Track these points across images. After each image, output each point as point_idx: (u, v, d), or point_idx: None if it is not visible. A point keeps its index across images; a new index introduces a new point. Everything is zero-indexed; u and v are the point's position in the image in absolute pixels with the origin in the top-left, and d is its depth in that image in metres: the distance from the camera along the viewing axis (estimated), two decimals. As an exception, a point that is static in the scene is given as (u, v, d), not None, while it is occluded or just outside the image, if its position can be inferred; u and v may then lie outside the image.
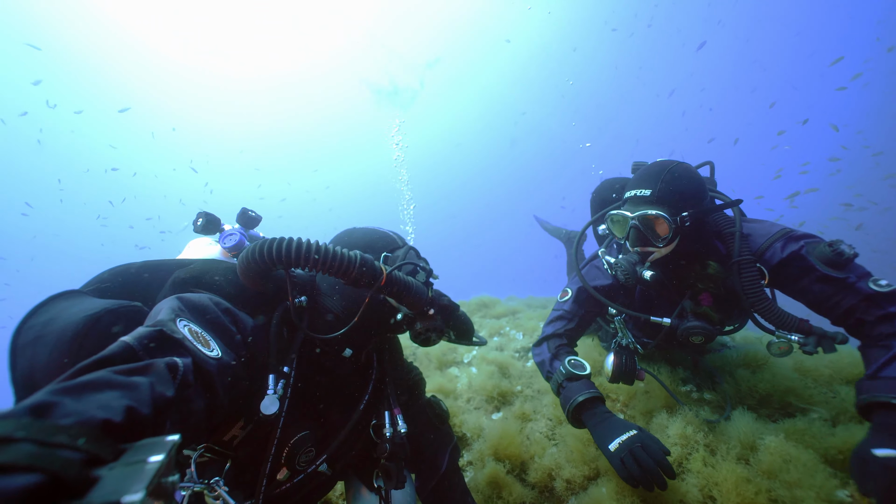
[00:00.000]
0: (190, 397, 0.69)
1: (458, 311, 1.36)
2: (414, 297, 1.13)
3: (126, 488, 0.35)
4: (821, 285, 1.50)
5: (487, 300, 5.07)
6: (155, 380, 0.59)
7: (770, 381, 1.95)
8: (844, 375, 1.98)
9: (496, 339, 3.80)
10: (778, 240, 1.62)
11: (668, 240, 1.62)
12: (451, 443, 1.60)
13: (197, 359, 0.74)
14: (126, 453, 0.41)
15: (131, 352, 0.65)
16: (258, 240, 1.05)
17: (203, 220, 1.86)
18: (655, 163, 1.72)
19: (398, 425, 1.29)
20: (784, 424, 1.71)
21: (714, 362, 2.30)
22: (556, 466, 1.85)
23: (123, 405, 0.49)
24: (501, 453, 1.93)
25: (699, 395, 2.16)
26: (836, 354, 2.07)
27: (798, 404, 1.86)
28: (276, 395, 1.02)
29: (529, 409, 2.34)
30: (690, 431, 1.73)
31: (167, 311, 0.82)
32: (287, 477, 1.13)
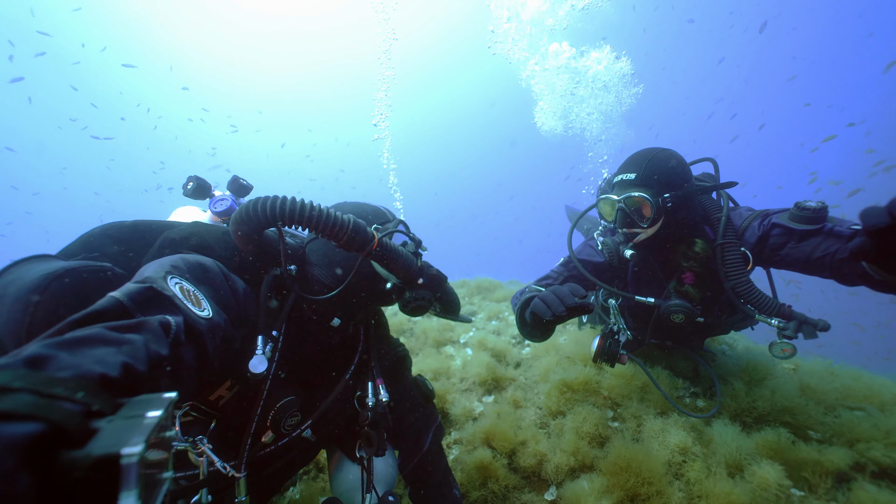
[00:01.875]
0: (182, 356, 0.68)
1: (446, 284, 1.36)
2: (404, 266, 1.14)
3: (126, 440, 0.36)
4: (804, 242, 1.52)
5: (488, 283, 5.04)
6: (149, 337, 0.59)
7: (769, 399, 1.92)
8: (851, 401, 1.94)
9: (494, 322, 3.79)
10: (755, 219, 1.70)
11: (652, 220, 1.70)
12: (434, 423, 1.62)
13: (188, 318, 0.74)
14: (124, 407, 0.42)
15: (122, 308, 0.64)
16: (253, 199, 1.04)
17: (193, 184, 1.83)
18: (641, 150, 1.81)
19: (381, 394, 1.32)
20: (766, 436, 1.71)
21: (715, 370, 2.28)
22: (547, 452, 1.86)
23: (120, 361, 0.49)
24: (493, 440, 1.94)
25: (692, 401, 2.15)
26: (849, 378, 2.04)
27: (795, 424, 1.84)
28: (264, 355, 1.04)
29: (521, 396, 2.34)
30: (690, 442, 1.73)
31: (157, 268, 0.81)
32: (272, 439, 1.15)
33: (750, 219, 1.71)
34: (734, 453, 1.67)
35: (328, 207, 1.05)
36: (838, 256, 1.41)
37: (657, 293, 1.93)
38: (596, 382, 2.23)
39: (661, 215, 1.70)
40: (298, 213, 1.01)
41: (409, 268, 1.16)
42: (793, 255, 1.55)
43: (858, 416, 1.83)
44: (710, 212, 1.82)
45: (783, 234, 1.58)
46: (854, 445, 1.67)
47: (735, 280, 1.66)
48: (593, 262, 2.06)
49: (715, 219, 1.78)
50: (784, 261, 1.61)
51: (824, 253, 1.45)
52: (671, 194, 1.66)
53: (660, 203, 1.66)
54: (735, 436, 1.75)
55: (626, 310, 2.20)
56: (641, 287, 2.05)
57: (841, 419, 1.79)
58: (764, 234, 1.64)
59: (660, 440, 1.81)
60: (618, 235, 1.84)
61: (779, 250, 1.61)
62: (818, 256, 1.47)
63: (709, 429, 1.87)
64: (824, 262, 1.46)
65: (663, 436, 1.82)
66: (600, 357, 1.90)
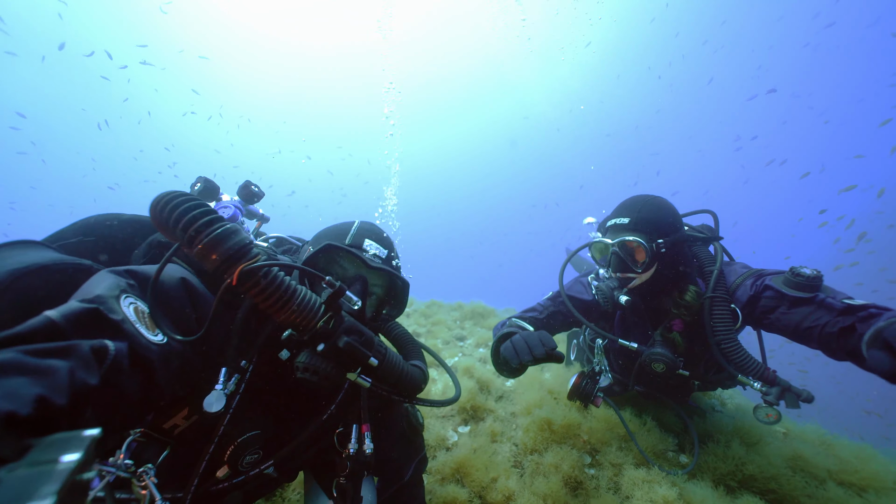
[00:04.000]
0: (121, 384, 0.62)
1: (371, 362, 0.96)
2: (288, 314, 0.84)
3: (31, 492, 0.30)
4: (794, 309, 1.49)
5: (482, 309, 4.98)
6: (75, 364, 0.52)
7: (757, 463, 1.83)
8: (845, 477, 1.84)
9: (481, 350, 3.72)
10: (748, 277, 1.69)
11: (646, 265, 1.70)
12: (419, 455, 1.53)
13: (135, 343, 0.67)
14: (33, 451, 0.36)
15: (54, 329, 0.56)
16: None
17: (201, 185, 1.78)
18: (634, 196, 1.83)
19: (364, 443, 1.15)
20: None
21: (704, 426, 2.19)
22: (516, 491, 1.77)
23: (33, 394, 0.43)
24: (464, 475, 1.85)
25: (675, 456, 2.05)
26: (846, 453, 1.95)
27: (780, 493, 1.74)
28: (223, 391, 0.91)
29: (499, 429, 2.25)
30: (674, 497, 1.65)
31: (111, 286, 0.73)
32: (227, 476, 1.04)
33: (744, 277, 1.70)
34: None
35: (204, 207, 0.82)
36: (827, 330, 1.38)
37: (643, 339, 1.90)
38: (577, 425, 2.14)
39: (654, 261, 1.70)
40: (157, 208, 0.80)
41: (302, 321, 0.86)
42: (782, 320, 1.53)
43: (847, 492, 1.72)
44: (704, 264, 1.81)
45: (775, 297, 1.56)
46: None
47: (721, 336, 1.64)
48: (581, 300, 2.05)
49: (707, 271, 1.77)
50: (773, 325, 1.58)
51: (814, 324, 1.42)
52: (664, 240, 1.66)
53: (654, 248, 1.66)
54: (716, 500, 1.65)
55: (612, 352, 2.16)
56: (628, 331, 2.01)
57: (829, 493, 1.69)
58: (756, 295, 1.62)
59: (641, 491, 1.71)
60: (612, 280, 1.83)
61: (769, 313, 1.58)
62: (807, 326, 1.44)
63: (690, 488, 1.77)
64: (813, 332, 1.43)
65: (647, 487, 1.72)
66: (575, 395, 1.87)
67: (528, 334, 1.41)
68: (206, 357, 0.91)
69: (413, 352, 1.35)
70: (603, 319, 2.10)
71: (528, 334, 1.41)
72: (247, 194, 1.93)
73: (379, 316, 1.25)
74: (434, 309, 5.19)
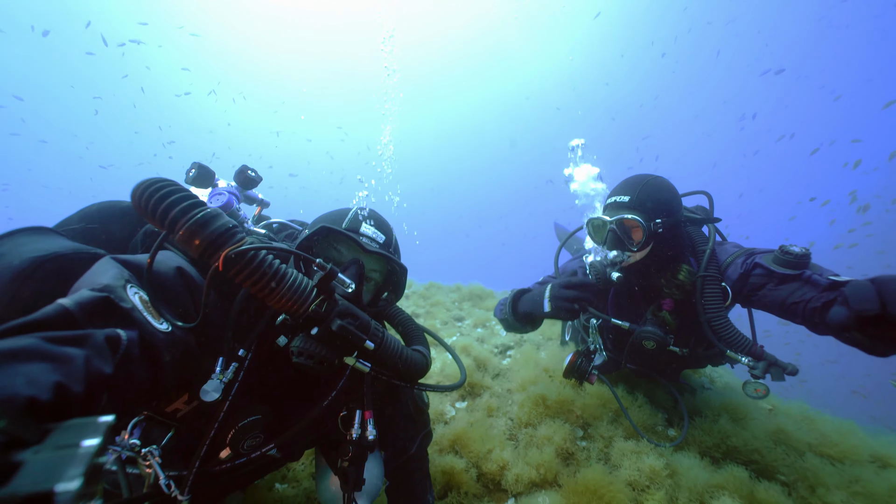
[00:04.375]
0: (132, 372, 0.63)
1: (367, 346, 0.97)
2: (279, 298, 0.84)
3: (58, 475, 0.32)
4: (782, 286, 1.54)
5: (481, 291, 5.03)
6: (91, 353, 0.53)
7: (742, 436, 1.91)
8: (825, 449, 1.92)
9: (479, 330, 3.79)
10: (739, 256, 1.73)
11: (642, 244, 1.71)
12: (424, 430, 1.59)
13: (144, 331, 0.68)
14: (53, 434, 0.37)
15: (69, 317, 0.58)
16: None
17: (196, 171, 1.71)
18: (635, 174, 1.84)
19: (367, 429, 1.17)
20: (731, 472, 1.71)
21: (693, 403, 2.27)
22: (509, 461, 1.85)
23: (52, 381, 0.44)
24: (461, 447, 1.94)
25: (664, 430, 2.14)
26: (827, 428, 2.03)
27: (762, 463, 1.82)
28: (220, 380, 0.92)
29: (495, 405, 2.34)
30: (660, 467, 1.73)
31: (116, 275, 0.74)
32: (230, 457, 1.07)
33: (734, 255, 1.75)
34: (698, 486, 1.66)
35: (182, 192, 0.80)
36: (811, 305, 1.42)
37: (635, 318, 1.95)
38: (571, 401, 2.22)
39: (650, 240, 1.71)
40: (137, 195, 0.79)
41: (293, 305, 0.86)
42: (769, 297, 1.58)
43: (824, 462, 1.81)
44: (696, 243, 1.85)
45: (764, 275, 1.61)
46: (816, 490, 1.66)
47: (711, 314, 1.69)
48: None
49: (700, 251, 1.81)
50: (761, 301, 1.63)
51: (799, 300, 1.47)
52: (662, 220, 1.68)
53: (651, 228, 1.67)
54: (701, 469, 1.74)
55: (605, 331, 2.22)
56: (621, 310, 2.06)
57: (807, 464, 1.78)
58: (745, 273, 1.67)
59: (630, 461, 1.80)
60: (605, 258, 1.86)
61: (757, 290, 1.63)
62: (793, 302, 1.49)
63: (677, 459, 1.85)
64: (797, 308, 1.48)
65: (634, 458, 1.81)
66: (571, 373, 1.93)
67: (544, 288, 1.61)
68: (205, 345, 0.92)
69: (416, 337, 1.36)
70: (597, 299, 2.14)
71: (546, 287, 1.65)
72: (243, 179, 1.87)
73: (377, 301, 1.25)
74: (433, 291, 5.25)
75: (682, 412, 2.05)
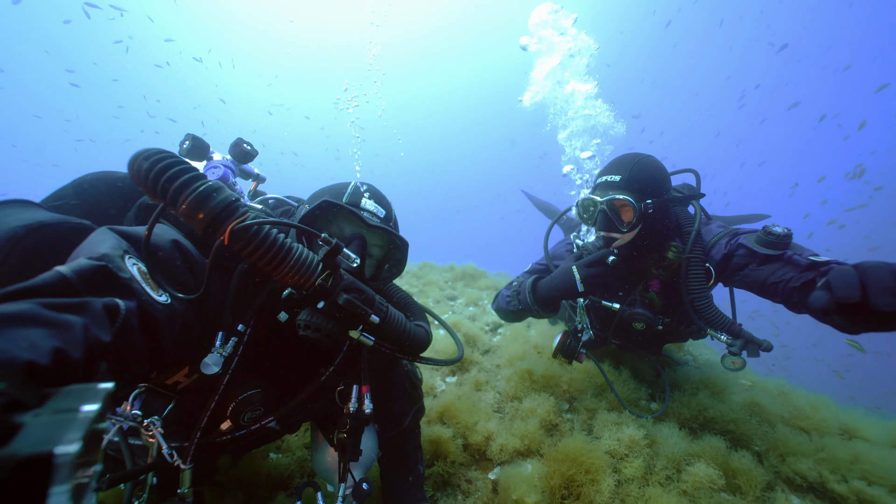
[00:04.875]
0: (131, 342, 0.63)
1: (372, 320, 0.97)
2: (285, 272, 0.84)
3: (58, 438, 0.32)
4: (763, 266, 1.57)
5: (474, 271, 5.07)
6: (90, 321, 0.53)
7: (718, 408, 1.99)
8: (797, 422, 2.01)
9: (471, 308, 3.84)
10: (724, 237, 1.75)
11: (633, 225, 1.71)
12: (417, 404, 1.64)
13: (143, 302, 0.68)
14: (52, 399, 0.38)
15: (67, 285, 0.57)
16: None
17: (189, 143, 1.67)
18: (626, 154, 1.82)
19: (364, 403, 1.18)
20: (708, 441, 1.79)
21: (675, 378, 2.34)
22: (494, 432, 1.92)
23: (52, 346, 0.44)
24: (449, 418, 2.00)
25: (647, 403, 2.22)
26: (801, 402, 2.12)
27: (736, 432, 1.91)
28: (220, 354, 0.93)
29: (483, 379, 2.40)
30: (639, 437, 1.80)
31: (114, 245, 0.73)
32: (230, 429, 1.08)
33: (719, 236, 1.77)
34: (676, 455, 1.73)
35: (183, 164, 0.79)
36: (791, 285, 1.46)
37: (622, 298, 1.98)
38: (557, 376, 2.29)
39: (640, 221, 1.71)
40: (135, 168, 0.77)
41: (299, 279, 0.86)
42: (751, 276, 1.61)
43: (795, 432, 1.90)
44: (682, 224, 1.88)
45: (746, 255, 1.64)
46: (786, 459, 1.75)
47: (695, 294, 1.73)
48: None
49: (686, 231, 1.83)
50: (743, 281, 1.66)
51: (779, 280, 1.50)
52: (653, 201, 1.68)
53: (642, 208, 1.67)
54: (679, 439, 1.82)
55: (591, 310, 2.25)
56: (608, 290, 2.09)
57: (778, 434, 1.86)
58: (729, 253, 1.70)
59: (611, 431, 1.87)
60: (597, 240, 1.86)
61: (740, 270, 1.66)
62: (773, 282, 1.52)
63: (657, 429, 1.93)
64: (777, 288, 1.51)
65: (615, 428, 1.88)
66: (560, 353, 1.97)
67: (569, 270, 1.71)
68: (205, 319, 0.92)
69: (416, 313, 1.37)
70: None
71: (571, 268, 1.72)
72: (239, 153, 1.82)
73: (379, 275, 1.26)
74: (426, 270, 5.27)
75: (664, 385, 2.12)
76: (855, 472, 1.67)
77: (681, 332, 2.06)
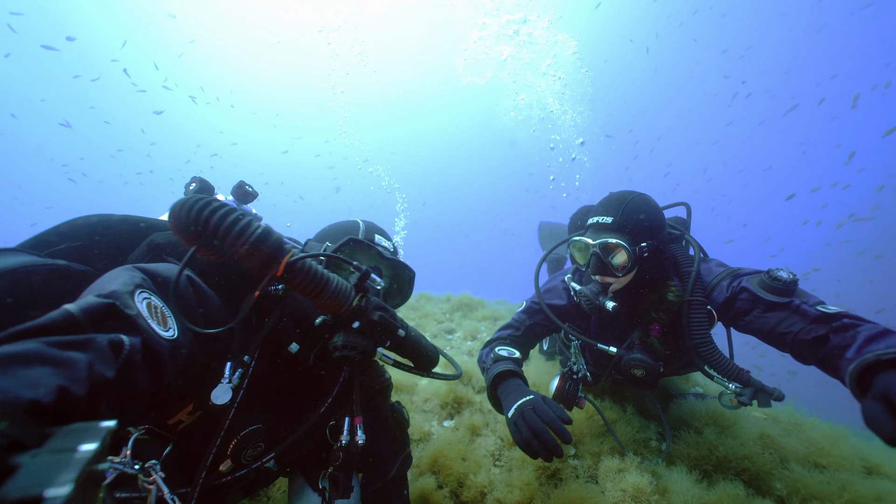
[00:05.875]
0: (134, 378, 0.64)
1: (399, 334, 1.10)
2: (327, 298, 0.94)
3: (51, 479, 0.32)
4: (769, 313, 1.50)
5: (471, 300, 4.99)
6: (94, 357, 0.54)
7: (729, 444, 1.88)
8: (816, 458, 1.88)
9: (469, 343, 3.75)
10: (725, 278, 1.68)
11: (627, 269, 1.65)
12: (404, 451, 1.57)
13: (148, 338, 0.69)
14: (52, 438, 0.37)
15: (73, 322, 0.58)
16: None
17: (196, 185, 1.78)
18: (618, 192, 1.76)
19: (356, 435, 1.18)
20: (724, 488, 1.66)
21: (681, 413, 2.23)
22: (490, 485, 1.79)
23: (55, 384, 0.45)
24: (439, 468, 1.87)
25: (658, 444, 2.09)
26: (815, 433, 2.01)
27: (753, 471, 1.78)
28: (230, 384, 0.96)
29: (481, 422, 2.28)
30: (645, 484, 1.68)
31: (125, 282, 0.76)
32: (230, 469, 1.07)
33: (720, 277, 1.69)
34: (690, 502, 1.61)
35: (242, 213, 0.88)
36: (800, 337, 1.39)
37: (619, 341, 1.89)
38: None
39: (636, 265, 1.64)
40: (186, 212, 0.84)
41: (335, 301, 0.95)
42: (756, 324, 1.54)
43: (813, 469, 1.78)
44: (680, 262, 1.79)
45: (750, 300, 1.56)
46: (808, 503, 1.62)
47: (699, 339, 1.65)
48: (558, 306, 2.02)
49: (685, 272, 1.75)
50: (747, 327, 1.59)
51: (787, 330, 1.43)
52: (648, 243, 1.62)
53: (636, 252, 1.61)
54: (691, 485, 1.69)
55: (587, 350, 2.17)
56: (605, 333, 2.02)
57: (795, 473, 1.74)
58: (732, 297, 1.62)
59: (614, 481, 1.75)
60: (593, 285, 1.78)
61: (743, 316, 1.59)
62: (781, 332, 1.45)
63: (666, 475, 1.81)
64: (786, 339, 1.44)
65: (620, 476, 1.76)
66: (559, 399, 1.86)
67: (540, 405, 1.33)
68: (212, 352, 0.95)
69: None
70: (580, 319, 2.09)
71: (541, 405, 1.33)
72: (241, 194, 1.95)
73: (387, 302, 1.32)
74: (422, 302, 5.20)
75: (664, 423, 2.01)
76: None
77: (675, 369, 1.99)
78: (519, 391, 1.48)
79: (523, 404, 1.37)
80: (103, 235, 1.28)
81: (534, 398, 1.38)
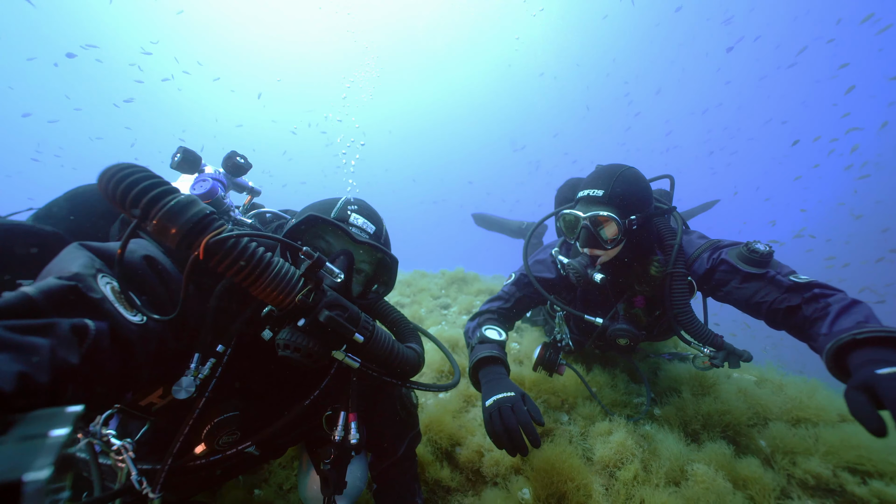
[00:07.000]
0: (101, 364, 0.61)
1: (356, 339, 0.91)
2: (264, 287, 0.80)
3: (27, 464, 0.32)
4: (746, 284, 1.59)
5: (465, 275, 5.01)
6: (56, 343, 0.52)
7: (711, 402, 1.96)
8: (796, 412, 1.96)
9: (464, 317, 3.80)
10: (705, 250, 1.76)
11: (617, 242, 1.69)
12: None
13: (115, 323, 0.66)
14: (17, 426, 0.37)
15: (31, 305, 0.56)
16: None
17: (181, 155, 1.64)
18: (608, 165, 1.78)
19: (350, 433, 1.13)
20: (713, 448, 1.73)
21: (665, 377, 2.31)
22: (488, 446, 1.84)
23: (16, 371, 0.43)
24: (434, 432, 1.94)
25: (650, 409, 2.14)
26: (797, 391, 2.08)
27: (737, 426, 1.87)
28: (195, 378, 0.90)
29: (475, 392, 2.34)
30: (631, 443, 1.76)
31: (87, 263, 0.71)
32: (204, 453, 1.04)
33: (701, 249, 1.77)
34: (678, 458, 1.66)
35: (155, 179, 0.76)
36: (774, 306, 1.48)
37: (604, 311, 1.96)
38: (549, 382, 2.24)
39: (625, 237, 1.68)
40: (104, 182, 0.74)
41: (278, 294, 0.81)
42: (734, 294, 1.63)
43: (793, 425, 1.86)
44: (664, 236, 1.85)
45: (729, 271, 1.65)
46: (795, 459, 1.69)
47: (679, 309, 1.73)
48: (546, 278, 2.08)
49: (668, 244, 1.82)
50: (726, 297, 1.68)
51: (762, 300, 1.52)
52: (637, 216, 1.65)
53: (626, 225, 1.64)
54: (678, 443, 1.75)
55: (571, 320, 2.24)
56: (590, 304, 2.08)
57: (776, 429, 1.82)
58: (711, 268, 1.71)
59: (603, 439, 1.84)
60: (582, 257, 1.81)
61: (722, 286, 1.68)
62: (756, 301, 1.54)
63: (654, 434, 1.87)
64: (761, 307, 1.54)
65: (605, 437, 1.85)
66: (540, 365, 1.97)
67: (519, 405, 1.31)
68: (183, 339, 0.90)
69: (409, 335, 1.31)
70: (566, 291, 2.15)
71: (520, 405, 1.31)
72: (232, 166, 1.79)
73: (367, 294, 1.22)
74: (417, 278, 5.23)
75: (643, 380, 2.12)
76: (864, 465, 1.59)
77: (654, 337, 2.10)
78: (500, 383, 1.47)
79: (503, 400, 1.35)
80: (96, 207, 1.26)
81: (514, 396, 1.37)
